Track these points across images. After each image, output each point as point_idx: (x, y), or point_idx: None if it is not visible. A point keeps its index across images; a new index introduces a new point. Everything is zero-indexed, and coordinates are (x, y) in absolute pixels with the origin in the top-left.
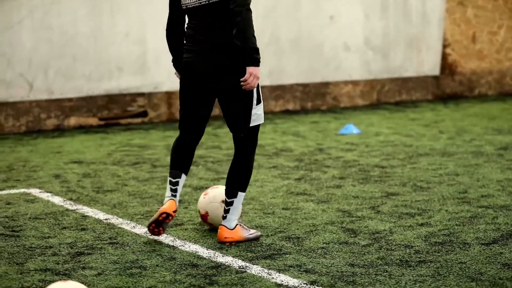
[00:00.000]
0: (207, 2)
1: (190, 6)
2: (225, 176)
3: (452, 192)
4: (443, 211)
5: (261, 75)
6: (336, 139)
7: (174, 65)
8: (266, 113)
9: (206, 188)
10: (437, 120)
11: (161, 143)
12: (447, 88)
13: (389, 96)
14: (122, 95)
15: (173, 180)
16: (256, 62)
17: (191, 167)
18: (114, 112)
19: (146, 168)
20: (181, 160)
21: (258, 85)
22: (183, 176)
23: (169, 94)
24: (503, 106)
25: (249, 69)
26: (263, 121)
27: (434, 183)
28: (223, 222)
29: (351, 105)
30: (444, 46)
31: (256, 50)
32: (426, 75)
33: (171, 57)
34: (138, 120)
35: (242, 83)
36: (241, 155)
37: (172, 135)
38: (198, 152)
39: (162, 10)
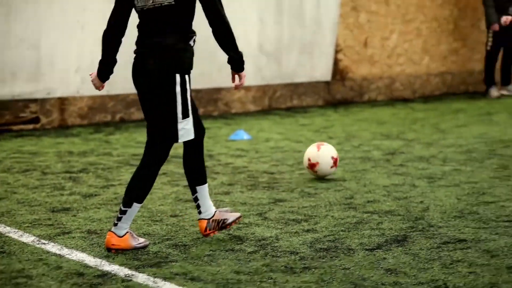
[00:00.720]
0: (160, 4)
1: (145, 8)
2: (116, 183)
3: (338, 197)
4: (329, 217)
5: None
6: (226, 145)
7: (103, 70)
8: None
9: (96, 195)
10: (327, 126)
11: (52, 150)
12: (337, 93)
13: (280, 101)
14: (14, 101)
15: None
16: (243, 67)
17: (81, 174)
18: (5, 118)
19: (36, 176)
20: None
21: (185, 97)
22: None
23: (61, 100)
24: (392, 111)
25: (241, 75)
26: (193, 136)
27: (321, 189)
28: (113, 229)
29: (243, 111)
30: (337, 52)
31: (242, 57)
32: (317, 81)
33: (82, 61)
34: (30, 126)
35: (236, 85)
36: (145, 165)
37: (64, 142)
38: (89, 159)
39: (59, 15)
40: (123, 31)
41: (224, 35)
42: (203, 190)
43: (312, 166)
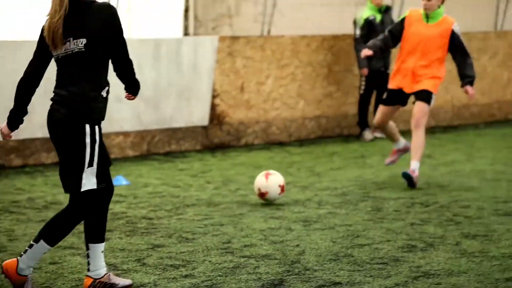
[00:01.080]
0: (71, 51)
1: (60, 56)
2: None
3: (216, 242)
4: (207, 262)
5: (33, 127)
6: None
7: (14, 118)
8: (36, 165)
9: None
10: (204, 170)
11: None
12: (215, 138)
13: (159, 146)
14: None
15: None
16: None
17: None
18: None
19: None
20: None
21: (93, 148)
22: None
23: None
24: (269, 154)
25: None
26: (95, 186)
27: (199, 233)
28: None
29: (122, 156)
30: (214, 97)
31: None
32: (195, 125)
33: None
34: None
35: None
36: (67, 216)
37: None
38: None
39: None
40: (38, 81)
41: (133, 85)
42: (97, 249)
43: (262, 195)
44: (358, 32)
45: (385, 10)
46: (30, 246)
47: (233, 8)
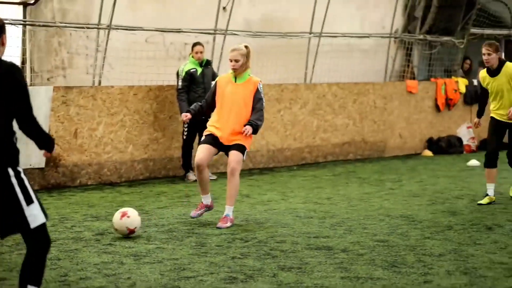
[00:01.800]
0: None
1: None
2: None
3: (54, 275)
4: None
5: None
6: None
7: None
8: None
9: None
10: None
11: None
12: (51, 179)
13: None
14: None
15: None
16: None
17: None
18: None
19: None
20: None
21: (24, 185)
22: None
23: None
24: (101, 194)
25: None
26: (45, 220)
27: None
28: None
29: None
30: None
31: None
32: (33, 167)
33: None
34: None
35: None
36: (35, 253)
37: None
38: None
39: None
40: None
41: (43, 141)
42: None
43: (131, 232)
44: (180, 83)
45: (206, 64)
46: None
47: (67, 60)
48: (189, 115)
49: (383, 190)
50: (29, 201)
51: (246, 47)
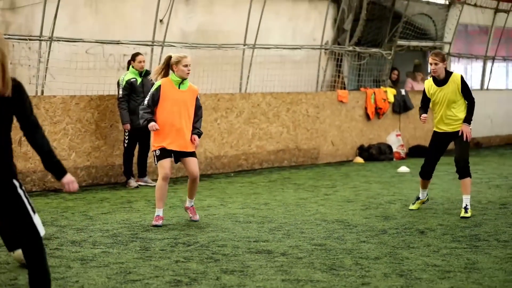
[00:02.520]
0: None
1: None
2: None
3: (4, 279)
4: None
5: None
6: None
7: None
8: None
9: None
10: None
11: None
12: None
13: None
14: None
15: None
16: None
17: None
18: None
19: None
20: None
21: (27, 196)
22: None
23: None
24: (46, 200)
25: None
26: (44, 232)
27: None
28: None
29: None
30: None
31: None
32: None
33: None
34: None
35: None
36: (42, 261)
37: None
38: None
39: None
40: None
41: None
42: None
43: None
44: (121, 92)
45: (145, 74)
46: None
47: (10, 71)
48: (156, 125)
49: (318, 196)
50: (34, 210)
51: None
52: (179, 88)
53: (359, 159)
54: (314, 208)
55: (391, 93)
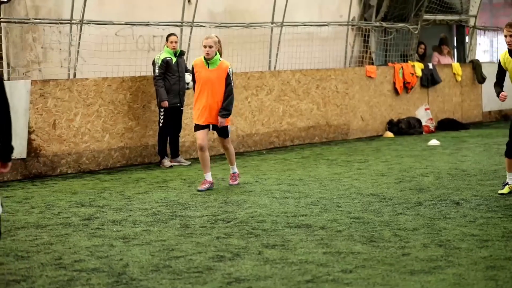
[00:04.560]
0: None
1: None
2: None
3: (49, 259)
4: (44, 276)
5: None
6: None
7: None
8: None
9: None
10: (27, 197)
11: None
12: (33, 168)
13: None
14: None
15: None
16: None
17: None
18: None
19: None
20: None
21: None
22: None
23: None
24: (82, 182)
25: (8, 164)
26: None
27: (32, 252)
28: None
29: None
30: (30, 133)
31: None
32: (15, 158)
33: None
34: None
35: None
36: None
37: None
38: None
39: None
40: None
41: (7, 124)
42: None
43: None
44: (157, 70)
45: (180, 54)
46: None
47: (41, 55)
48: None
49: (352, 171)
50: None
51: (216, 36)
52: (208, 67)
53: (389, 134)
54: (348, 182)
55: (418, 67)
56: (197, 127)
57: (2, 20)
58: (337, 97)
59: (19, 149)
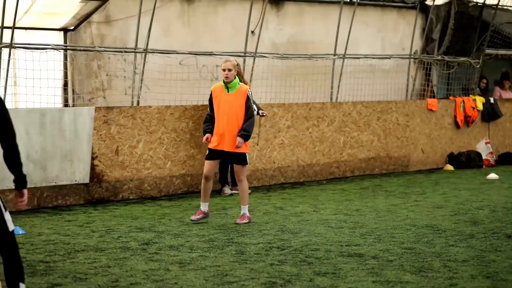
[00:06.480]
0: None
1: None
2: None
3: (106, 281)
4: None
5: None
6: None
7: None
8: None
9: None
10: (89, 221)
11: None
12: (96, 193)
13: (47, 201)
14: None
15: None
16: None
17: None
18: None
19: None
20: None
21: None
22: None
23: None
24: (143, 208)
25: (24, 192)
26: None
27: (90, 274)
28: None
29: (16, 210)
30: (93, 158)
31: (26, 177)
32: (78, 183)
33: None
34: None
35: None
36: (14, 255)
37: None
38: None
39: None
40: None
41: (14, 152)
42: None
43: None
44: None
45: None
46: None
47: (106, 82)
48: (206, 136)
49: (409, 202)
50: (5, 207)
51: (235, 60)
52: (228, 91)
53: (449, 167)
54: (404, 213)
55: (480, 101)
56: (208, 156)
57: (68, 47)
58: (398, 129)
59: (82, 174)
